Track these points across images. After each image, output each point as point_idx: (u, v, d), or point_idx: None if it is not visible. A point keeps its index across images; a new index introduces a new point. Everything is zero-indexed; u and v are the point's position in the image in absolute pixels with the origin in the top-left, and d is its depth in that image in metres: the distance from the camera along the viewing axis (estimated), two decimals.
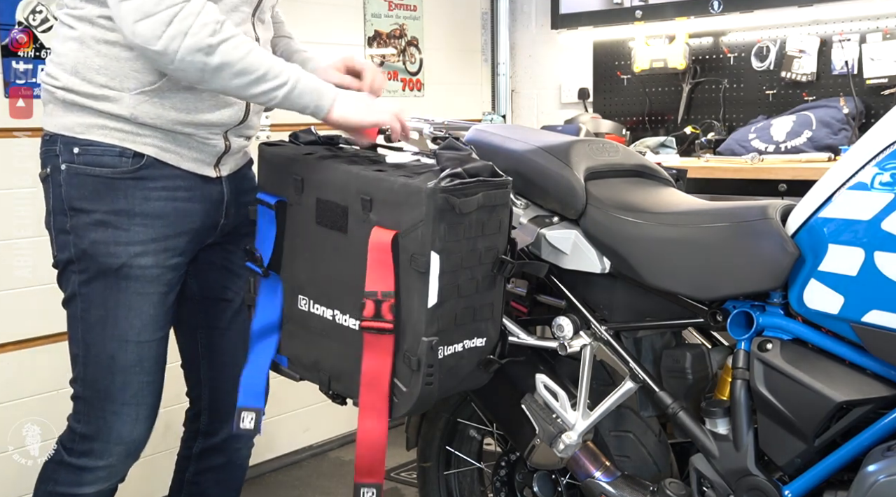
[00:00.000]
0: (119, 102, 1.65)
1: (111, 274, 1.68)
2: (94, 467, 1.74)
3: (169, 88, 1.66)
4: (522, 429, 1.82)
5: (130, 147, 1.67)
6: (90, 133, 1.66)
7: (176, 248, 1.74)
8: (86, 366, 1.72)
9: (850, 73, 3.21)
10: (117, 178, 1.66)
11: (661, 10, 3.55)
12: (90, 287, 1.69)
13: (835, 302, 1.47)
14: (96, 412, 1.73)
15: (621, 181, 1.84)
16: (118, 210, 1.67)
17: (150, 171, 1.69)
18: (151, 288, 1.72)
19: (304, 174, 1.67)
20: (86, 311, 1.70)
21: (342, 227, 1.60)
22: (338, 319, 1.63)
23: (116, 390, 1.72)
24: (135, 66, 1.64)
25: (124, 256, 1.68)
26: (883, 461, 1.39)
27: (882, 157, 1.46)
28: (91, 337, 1.71)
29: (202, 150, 1.74)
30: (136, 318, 1.71)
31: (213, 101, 1.71)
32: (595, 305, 1.80)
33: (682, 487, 1.71)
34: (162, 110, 1.67)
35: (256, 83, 1.60)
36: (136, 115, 1.65)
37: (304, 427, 3.37)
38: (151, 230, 1.69)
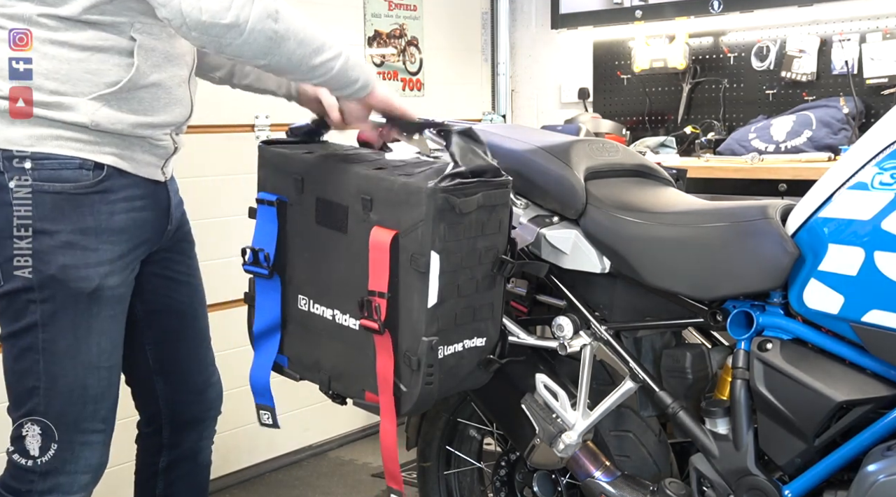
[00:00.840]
0: (75, 109, 1.52)
1: (83, 299, 1.56)
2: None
3: (129, 89, 1.56)
4: (522, 429, 1.82)
5: (90, 157, 1.54)
6: (42, 145, 1.52)
7: (133, 261, 1.66)
8: (50, 398, 1.58)
9: (850, 72, 3.21)
10: (80, 193, 1.54)
11: (661, 10, 3.55)
12: (57, 316, 1.55)
13: (835, 302, 1.47)
14: (62, 445, 1.60)
15: (621, 181, 1.84)
16: (86, 228, 1.55)
17: (112, 183, 1.58)
18: (119, 308, 1.63)
19: (304, 174, 1.67)
20: (51, 341, 1.56)
21: (342, 227, 1.60)
22: (338, 319, 1.63)
23: (86, 419, 1.61)
24: (88, 67, 1.53)
25: (96, 279, 1.56)
26: (883, 461, 1.39)
27: (882, 157, 1.46)
28: (58, 367, 1.57)
29: (155, 152, 1.65)
30: (107, 342, 1.61)
31: (167, 99, 1.62)
32: (595, 305, 1.80)
33: (682, 487, 1.71)
34: (121, 113, 1.56)
35: (316, 53, 1.53)
36: (97, 121, 1.53)
37: (304, 427, 3.37)
38: (117, 247, 1.59)
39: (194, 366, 1.88)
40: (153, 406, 1.88)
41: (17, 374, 1.61)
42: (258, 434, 3.20)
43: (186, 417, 1.89)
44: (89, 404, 1.61)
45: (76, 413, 1.61)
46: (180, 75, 1.66)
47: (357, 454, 3.45)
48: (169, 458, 1.90)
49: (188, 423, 1.89)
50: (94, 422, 1.63)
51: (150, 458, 1.91)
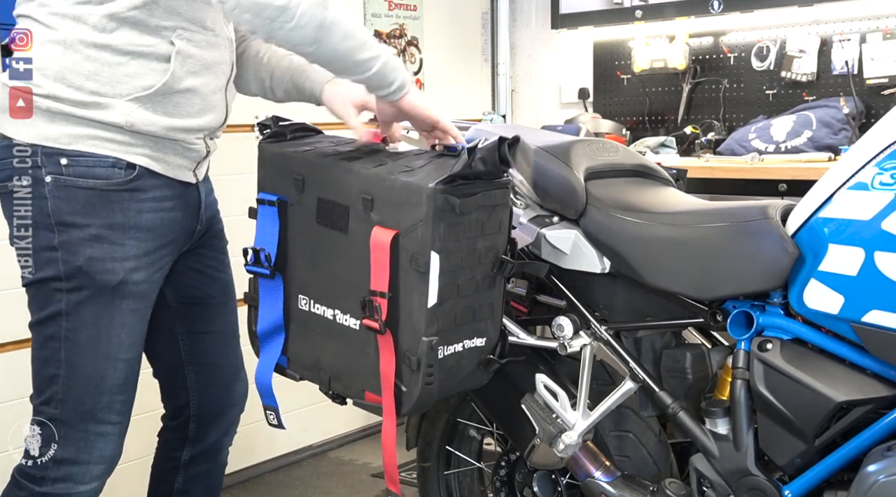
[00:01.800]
0: (112, 110, 1.57)
1: (107, 291, 1.61)
2: (75, 493, 1.67)
3: (164, 93, 1.60)
4: (522, 429, 1.82)
5: (123, 157, 1.60)
6: (79, 144, 1.57)
7: (160, 259, 1.69)
8: (68, 387, 1.63)
9: (850, 73, 3.21)
10: (111, 189, 1.59)
11: (661, 10, 3.55)
12: (82, 306, 1.61)
13: (835, 302, 1.47)
14: (77, 434, 1.65)
15: (621, 181, 1.84)
16: (114, 224, 1.60)
17: (143, 182, 1.63)
18: (142, 303, 1.67)
19: (305, 173, 1.67)
20: (73, 331, 1.61)
21: (343, 227, 1.60)
22: (338, 319, 1.63)
23: (102, 410, 1.65)
24: (127, 71, 1.57)
25: (121, 272, 1.61)
26: (883, 461, 1.39)
27: (882, 157, 1.46)
28: (79, 357, 1.62)
29: (186, 155, 1.69)
30: (126, 335, 1.65)
31: (201, 104, 1.66)
32: (595, 305, 1.80)
33: (682, 487, 1.71)
34: (155, 116, 1.60)
35: (361, 48, 1.54)
36: (132, 122, 1.58)
37: (303, 427, 3.37)
38: (143, 244, 1.64)
39: (224, 360, 1.92)
40: (182, 397, 1.92)
41: (39, 362, 1.66)
42: (258, 434, 3.19)
43: (213, 411, 1.92)
44: (105, 395, 1.65)
45: (92, 403, 1.65)
46: (216, 83, 1.70)
47: (357, 454, 3.45)
48: (192, 452, 1.94)
49: (214, 418, 1.93)
50: (110, 413, 1.67)
51: (172, 451, 1.95)
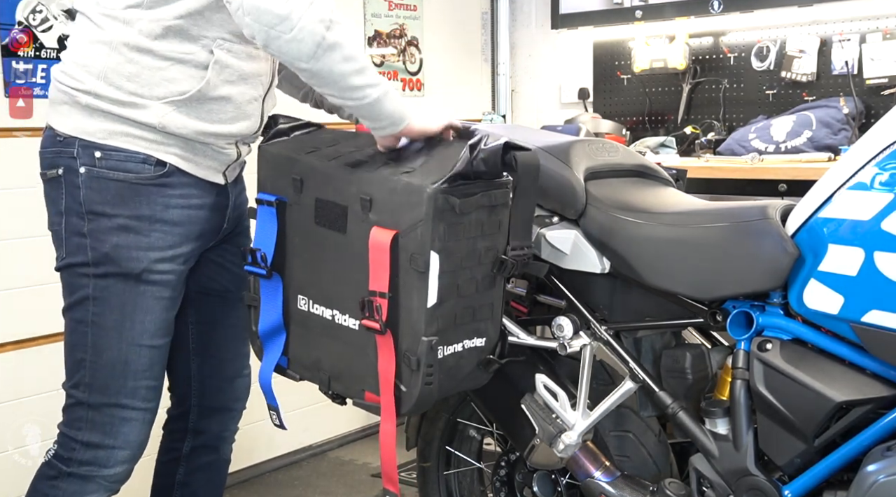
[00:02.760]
0: (147, 110, 1.64)
1: (131, 278, 1.67)
2: (99, 476, 1.72)
3: (198, 99, 1.65)
4: (522, 429, 1.82)
5: (154, 154, 1.66)
6: (113, 139, 1.65)
7: (186, 254, 1.74)
8: (95, 371, 1.70)
9: (850, 73, 3.21)
10: (141, 183, 1.66)
11: (661, 10, 3.55)
12: (108, 291, 1.68)
13: (835, 302, 1.47)
14: (104, 418, 1.71)
15: (621, 181, 1.84)
16: (141, 216, 1.67)
17: (171, 179, 1.69)
18: (167, 292, 1.72)
19: (303, 174, 1.67)
20: (100, 315, 1.68)
21: (341, 228, 1.60)
22: (337, 319, 1.64)
23: (127, 395, 1.71)
24: (166, 75, 1.63)
25: (145, 261, 1.68)
26: (883, 461, 1.39)
27: (882, 157, 1.46)
28: (104, 341, 1.69)
29: (217, 158, 1.74)
30: (151, 322, 1.71)
31: (234, 113, 1.71)
32: (595, 305, 1.80)
33: (681, 487, 1.71)
34: (188, 120, 1.66)
35: (358, 74, 1.56)
36: (165, 124, 1.64)
37: (303, 427, 3.37)
38: (169, 237, 1.70)
39: (229, 353, 1.95)
40: (185, 386, 1.96)
41: (70, 346, 1.73)
42: (258, 434, 3.20)
43: (214, 404, 1.95)
44: (130, 380, 1.70)
45: (117, 387, 1.70)
46: (252, 94, 1.74)
47: (357, 454, 3.45)
48: (192, 444, 1.97)
49: (215, 410, 1.95)
50: (135, 399, 1.72)
51: (175, 442, 1.98)
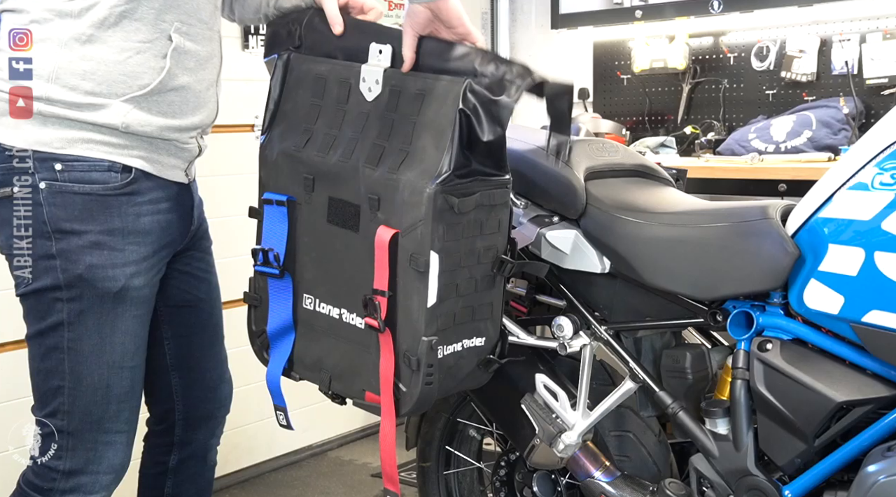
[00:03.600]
0: (107, 110, 1.53)
1: (109, 299, 1.58)
2: None
3: (158, 91, 1.57)
4: (522, 429, 1.82)
5: (119, 160, 1.56)
6: (73, 148, 1.54)
7: (158, 263, 1.67)
8: (75, 397, 1.61)
9: (850, 73, 3.21)
10: (109, 194, 1.56)
11: (661, 10, 3.55)
12: (84, 315, 1.58)
13: (835, 302, 1.47)
14: (86, 444, 1.63)
15: (621, 181, 1.84)
16: (113, 229, 1.57)
17: (139, 186, 1.60)
18: (143, 309, 1.65)
19: (315, 173, 1.66)
20: (76, 341, 1.58)
21: (354, 226, 1.59)
22: (345, 318, 1.63)
23: (110, 419, 1.63)
24: (125, 69, 1.53)
25: (122, 279, 1.58)
26: (883, 461, 1.39)
27: (882, 157, 1.46)
28: (83, 367, 1.60)
29: (180, 155, 1.67)
30: (131, 342, 1.63)
31: (195, 101, 1.64)
32: (595, 305, 1.80)
33: (681, 487, 1.71)
34: (150, 116, 1.57)
35: None
36: (128, 123, 1.55)
37: (303, 427, 3.37)
38: (143, 248, 1.61)
39: (209, 362, 1.90)
40: (167, 402, 1.89)
41: (42, 373, 1.63)
42: (258, 434, 3.20)
43: (199, 414, 1.90)
44: (112, 404, 1.63)
45: (100, 413, 1.62)
46: (208, 78, 1.67)
47: (357, 454, 3.45)
48: (179, 456, 1.91)
49: (200, 420, 1.91)
50: (118, 422, 1.65)
51: (159, 456, 1.91)
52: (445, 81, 1.51)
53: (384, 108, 1.58)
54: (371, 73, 1.60)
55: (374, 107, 1.59)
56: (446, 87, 1.50)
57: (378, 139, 1.57)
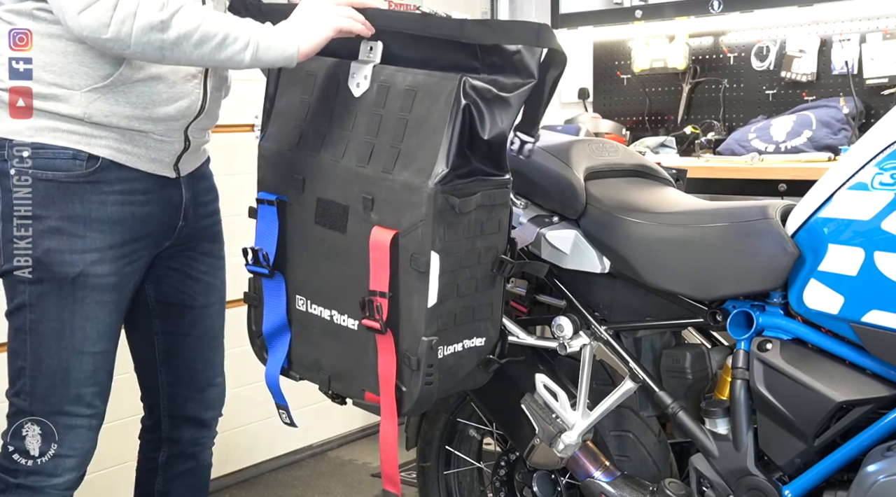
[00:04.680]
0: (69, 101, 1.56)
1: (67, 283, 1.60)
2: (48, 486, 1.66)
3: (122, 82, 1.58)
4: (522, 428, 1.82)
5: (84, 149, 1.59)
6: (40, 136, 1.57)
7: (132, 254, 1.67)
8: (35, 379, 1.63)
9: (850, 73, 3.20)
10: (71, 182, 1.59)
11: (661, 10, 3.54)
12: (44, 298, 1.61)
13: (835, 302, 1.47)
14: (47, 426, 1.64)
15: (621, 181, 1.84)
16: (73, 216, 1.59)
17: (106, 174, 1.61)
18: (109, 296, 1.65)
19: (305, 173, 1.67)
20: (37, 322, 1.61)
21: (341, 227, 1.60)
22: (336, 319, 1.63)
23: (70, 403, 1.64)
24: (83, 60, 1.56)
25: (80, 265, 1.60)
26: (883, 461, 1.39)
27: (882, 157, 1.46)
28: (43, 349, 1.62)
29: (160, 149, 1.67)
30: (92, 328, 1.64)
31: (170, 92, 1.63)
32: (595, 305, 1.80)
33: (681, 487, 1.71)
34: (116, 107, 1.58)
35: (219, 49, 1.51)
36: (90, 113, 1.57)
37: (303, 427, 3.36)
38: (109, 236, 1.62)
39: (198, 363, 1.89)
40: (155, 396, 1.91)
41: (10, 353, 1.66)
42: (258, 434, 3.20)
43: (185, 413, 1.90)
44: (72, 388, 1.64)
45: (59, 396, 1.64)
46: (186, 70, 1.65)
47: (357, 454, 3.45)
48: (168, 452, 1.92)
49: (186, 420, 1.91)
50: (79, 406, 1.66)
51: (151, 452, 1.94)
52: (437, 77, 1.50)
53: (372, 104, 1.57)
54: (360, 69, 1.60)
55: (361, 103, 1.59)
56: (439, 84, 1.49)
57: (367, 136, 1.57)
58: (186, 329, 1.87)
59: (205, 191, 1.82)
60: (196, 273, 1.84)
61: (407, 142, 1.51)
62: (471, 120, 1.47)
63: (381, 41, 1.60)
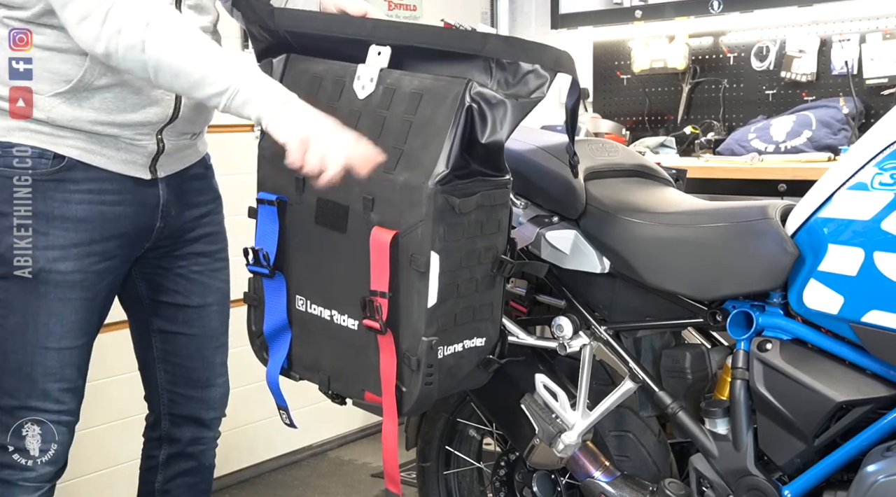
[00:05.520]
0: (35, 105, 1.58)
1: (29, 279, 1.60)
2: (21, 479, 1.67)
3: (84, 88, 1.58)
4: (522, 429, 1.82)
5: (51, 148, 1.59)
6: (10, 135, 1.59)
7: (103, 252, 1.67)
8: (3, 374, 1.64)
9: (850, 73, 3.21)
10: (36, 179, 1.59)
11: (661, 10, 3.55)
12: (8, 293, 1.62)
13: (834, 302, 1.47)
14: (15, 420, 1.65)
15: (621, 181, 1.84)
16: (35, 213, 1.60)
17: (73, 174, 1.61)
18: (74, 293, 1.64)
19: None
20: (3, 317, 1.63)
21: (341, 227, 1.60)
22: (336, 320, 1.63)
23: (36, 397, 1.65)
24: (48, 66, 1.57)
25: (42, 261, 1.60)
26: (882, 461, 1.39)
27: (882, 157, 1.46)
28: (9, 344, 1.63)
29: (131, 151, 1.66)
30: (56, 324, 1.64)
31: (136, 99, 1.62)
32: (595, 305, 1.80)
33: (681, 487, 1.71)
34: (80, 112, 1.59)
35: (197, 87, 1.49)
36: (52, 117, 1.58)
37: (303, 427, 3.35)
38: (73, 234, 1.62)
39: (196, 363, 1.90)
40: (154, 395, 1.92)
41: None
42: (258, 434, 3.20)
43: (184, 413, 1.91)
44: (39, 383, 1.65)
45: (26, 390, 1.65)
46: None
47: (357, 454, 3.45)
48: (168, 451, 1.93)
49: (185, 419, 1.92)
50: (45, 401, 1.66)
51: (152, 450, 1.95)
52: (445, 81, 1.51)
53: (376, 106, 1.57)
54: (367, 72, 1.60)
55: (365, 105, 1.59)
56: (446, 87, 1.50)
57: (369, 138, 1.56)
58: (181, 328, 1.87)
59: (196, 192, 1.81)
60: (190, 273, 1.84)
61: (410, 143, 1.51)
62: (472, 122, 1.47)
63: (389, 47, 1.60)
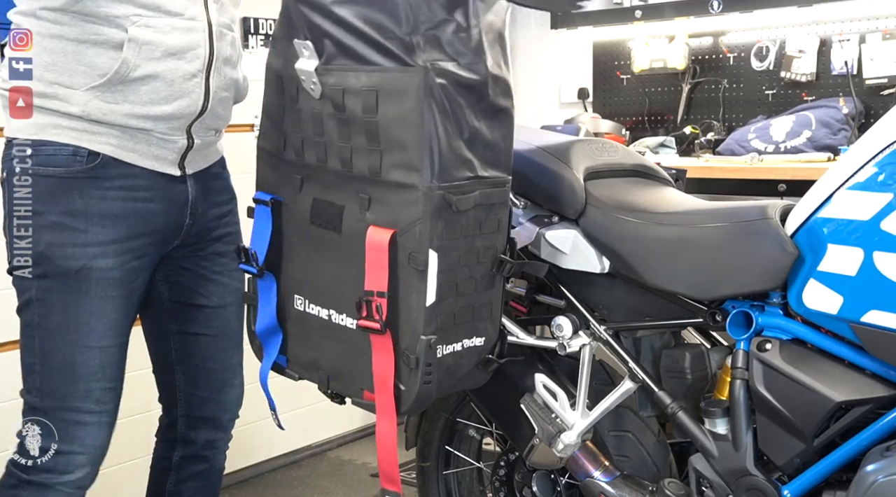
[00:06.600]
0: (70, 100, 1.59)
1: (70, 277, 1.61)
2: (59, 482, 1.66)
3: (119, 80, 1.59)
4: (521, 428, 1.82)
5: (85, 145, 1.61)
6: (44, 133, 1.60)
7: (137, 249, 1.68)
8: (44, 375, 1.64)
9: (850, 73, 3.21)
10: (71, 177, 1.61)
11: (660, 10, 3.55)
12: (49, 292, 1.62)
13: (834, 302, 1.47)
14: (57, 423, 1.65)
15: (621, 181, 1.84)
16: (74, 211, 1.61)
17: (107, 170, 1.63)
18: (114, 291, 1.66)
19: (303, 173, 1.67)
20: (44, 317, 1.63)
21: (336, 227, 1.60)
22: (334, 319, 1.63)
23: (79, 398, 1.65)
24: (82, 59, 1.58)
25: (83, 259, 1.61)
26: (882, 461, 1.39)
27: (881, 157, 1.46)
28: (49, 344, 1.63)
29: (163, 146, 1.68)
30: (97, 322, 1.64)
31: (168, 91, 1.63)
32: (594, 305, 1.80)
33: (681, 487, 1.71)
34: (114, 105, 1.60)
35: None
36: (88, 112, 1.59)
37: (302, 427, 3.37)
38: (111, 231, 1.64)
39: (215, 364, 1.90)
40: (171, 396, 1.92)
41: (22, 350, 1.68)
42: (257, 434, 3.20)
43: (202, 414, 1.92)
44: (80, 383, 1.65)
45: (67, 390, 1.65)
46: (187, 69, 1.65)
47: (356, 454, 3.45)
48: (182, 453, 1.93)
49: (203, 421, 1.92)
50: (87, 402, 1.66)
51: (166, 451, 1.95)
52: (396, 73, 1.44)
53: (332, 108, 1.54)
54: (305, 73, 1.56)
55: (323, 106, 1.55)
56: (401, 79, 1.44)
57: (340, 142, 1.55)
58: (201, 329, 1.88)
59: (217, 191, 1.83)
60: (209, 274, 1.85)
61: (385, 143, 1.48)
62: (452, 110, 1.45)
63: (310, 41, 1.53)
